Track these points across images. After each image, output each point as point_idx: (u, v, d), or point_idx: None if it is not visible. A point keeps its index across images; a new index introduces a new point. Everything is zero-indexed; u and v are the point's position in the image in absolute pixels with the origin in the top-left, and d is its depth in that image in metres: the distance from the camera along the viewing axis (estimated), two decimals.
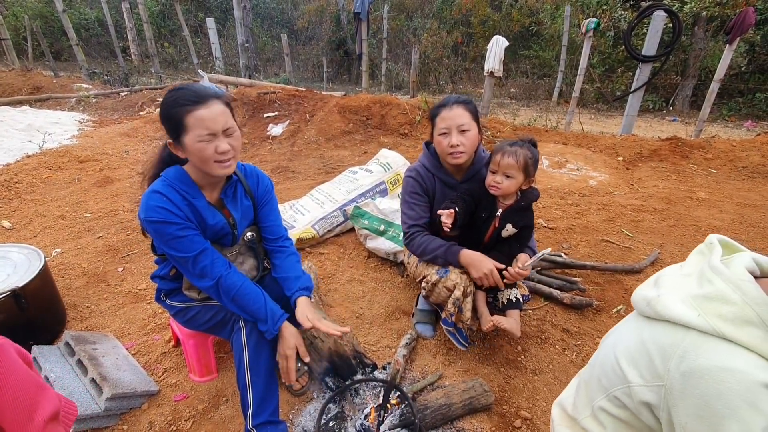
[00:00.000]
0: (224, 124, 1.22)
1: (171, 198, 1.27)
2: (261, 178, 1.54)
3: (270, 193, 1.56)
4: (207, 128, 1.19)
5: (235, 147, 1.27)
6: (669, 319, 0.79)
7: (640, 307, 0.88)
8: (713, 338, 0.73)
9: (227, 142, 1.23)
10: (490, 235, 1.74)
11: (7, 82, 8.40)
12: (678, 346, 0.76)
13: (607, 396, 0.90)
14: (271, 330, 1.36)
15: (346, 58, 13.26)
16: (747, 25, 4.92)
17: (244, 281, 1.38)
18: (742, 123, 8.23)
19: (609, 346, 0.94)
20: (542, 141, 5.56)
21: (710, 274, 0.78)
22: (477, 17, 12.36)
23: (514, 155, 1.57)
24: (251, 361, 1.36)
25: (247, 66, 9.70)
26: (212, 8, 14.61)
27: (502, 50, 6.26)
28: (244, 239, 1.51)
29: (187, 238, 1.28)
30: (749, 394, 0.67)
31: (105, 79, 9.39)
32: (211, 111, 1.19)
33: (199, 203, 1.33)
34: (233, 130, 1.26)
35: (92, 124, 6.48)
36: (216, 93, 1.25)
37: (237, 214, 1.44)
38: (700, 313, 0.75)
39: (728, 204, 3.58)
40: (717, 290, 0.75)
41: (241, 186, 1.46)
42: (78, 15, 13.85)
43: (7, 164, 4.23)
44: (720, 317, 0.73)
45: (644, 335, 0.84)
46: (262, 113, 6.18)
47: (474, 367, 1.80)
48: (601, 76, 10.04)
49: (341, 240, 2.87)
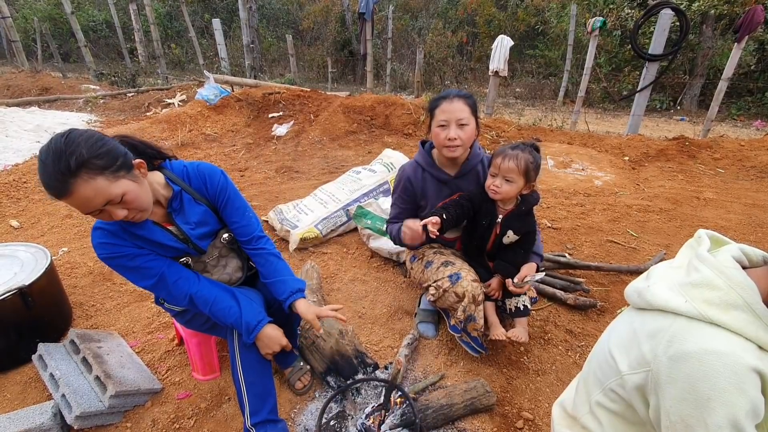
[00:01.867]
0: (98, 203, 1.03)
1: (111, 230, 1.20)
2: (210, 178, 1.33)
3: (225, 191, 1.35)
4: (88, 213, 1.07)
5: (130, 209, 1.10)
6: (658, 306, 0.81)
7: (632, 299, 0.90)
8: (700, 323, 0.75)
9: (119, 210, 1.08)
10: (493, 243, 1.73)
11: (17, 84, 8.52)
12: (666, 331, 0.77)
13: (603, 390, 0.91)
14: (246, 340, 1.35)
15: (350, 58, 13.28)
16: (756, 23, 4.86)
17: (216, 296, 1.34)
18: (750, 122, 8.13)
19: (604, 339, 0.96)
20: (547, 140, 5.53)
21: (697, 262, 0.80)
22: (482, 17, 12.34)
23: (515, 159, 1.54)
24: (243, 361, 1.36)
25: (252, 66, 9.75)
26: (218, 9, 14.70)
27: (507, 50, 6.24)
28: (222, 241, 1.41)
29: (141, 266, 1.23)
30: (735, 377, 0.68)
31: (112, 80, 9.47)
32: (79, 196, 1.01)
33: (144, 232, 1.23)
34: (115, 198, 1.05)
35: (100, 124, 6.54)
36: (71, 172, 0.98)
37: (187, 225, 1.31)
38: (687, 299, 0.77)
39: (736, 204, 3.54)
40: (703, 277, 0.77)
41: (187, 194, 1.31)
42: (86, 17, 14.01)
43: (16, 164, 4.29)
44: (706, 302, 0.75)
45: (635, 325, 0.86)
46: (266, 113, 6.21)
47: (476, 367, 1.80)
48: (608, 76, 9.97)
49: (344, 240, 2.87)
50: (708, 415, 0.69)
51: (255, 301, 1.43)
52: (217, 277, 1.45)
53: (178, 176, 1.30)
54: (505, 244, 1.70)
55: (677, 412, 0.73)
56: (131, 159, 1.12)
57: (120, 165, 1.06)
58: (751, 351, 0.71)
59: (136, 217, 1.13)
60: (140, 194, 1.11)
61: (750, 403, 0.68)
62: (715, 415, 0.69)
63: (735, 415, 0.68)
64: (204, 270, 1.43)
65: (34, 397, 1.65)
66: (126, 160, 1.09)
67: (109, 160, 1.03)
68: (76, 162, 0.97)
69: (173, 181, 1.28)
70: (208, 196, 1.35)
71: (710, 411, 0.69)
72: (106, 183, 1.02)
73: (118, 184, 1.05)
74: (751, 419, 0.69)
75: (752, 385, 0.68)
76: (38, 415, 1.46)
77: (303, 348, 1.80)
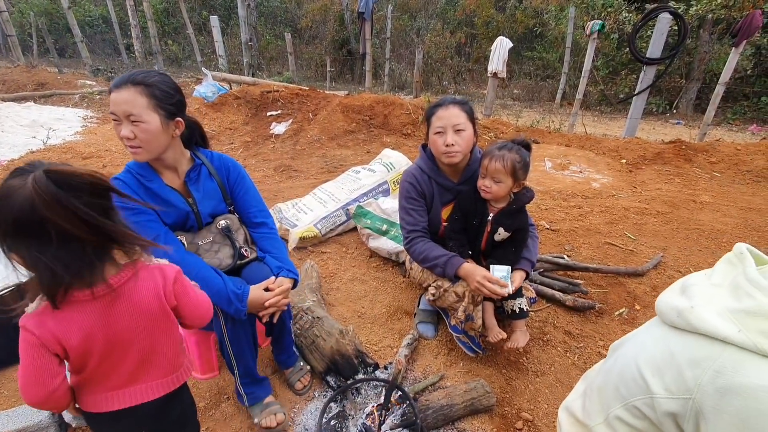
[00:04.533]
0: (125, 111, 1.20)
1: (127, 182, 1.33)
2: (233, 166, 1.55)
3: (245, 180, 1.57)
4: (112, 111, 1.23)
5: (138, 136, 1.23)
6: (705, 332, 0.76)
7: (669, 316, 0.84)
8: (754, 355, 0.70)
9: (130, 129, 1.22)
10: (486, 241, 1.74)
11: (12, 78, 8.44)
12: (714, 360, 0.73)
13: (625, 405, 0.87)
14: (239, 308, 1.36)
15: (349, 57, 13.27)
16: (754, 28, 4.90)
17: (203, 266, 1.39)
18: (747, 127, 8.20)
19: (629, 353, 0.91)
20: (545, 143, 5.55)
21: (749, 287, 0.74)
22: (481, 18, 12.36)
23: (501, 159, 1.56)
24: (233, 344, 1.44)
25: (250, 64, 9.71)
26: (216, 6, 14.63)
27: (506, 51, 6.26)
28: (217, 227, 1.50)
29: (141, 222, 1.31)
30: None
31: (109, 76, 9.42)
32: (118, 95, 1.20)
33: (154, 185, 1.36)
34: (137, 119, 1.21)
35: (96, 120, 6.50)
36: (134, 79, 1.21)
37: (198, 194, 1.45)
38: (740, 328, 0.72)
39: (732, 208, 3.57)
40: (759, 305, 0.71)
41: (206, 168, 1.48)
42: (83, 12, 13.91)
43: (12, 160, 4.25)
44: (763, 334, 0.70)
45: (672, 346, 0.81)
46: (265, 111, 6.18)
47: (475, 368, 1.80)
48: (605, 79, 10.03)
49: (344, 239, 2.87)
50: None
51: (240, 288, 1.44)
52: (207, 261, 1.48)
53: (203, 155, 1.50)
54: (497, 241, 1.72)
55: None
56: (175, 113, 1.31)
57: (165, 107, 1.26)
58: None
59: (136, 149, 1.26)
60: (155, 135, 1.26)
61: None
62: None
63: None
64: (196, 252, 1.47)
65: None
66: (171, 110, 1.29)
67: (163, 97, 1.25)
68: (143, 78, 1.23)
69: (197, 157, 1.47)
70: (224, 178, 1.52)
71: None
72: (144, 103, 1.21)
73: (150, 113, 1.23)
74: None
75: None
76: (36, 413, 1.44)
77: (303, 347, 1.80)
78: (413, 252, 1.78)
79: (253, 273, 1.50)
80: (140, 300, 0.91)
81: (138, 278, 0.92)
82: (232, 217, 1.56)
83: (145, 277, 0.93)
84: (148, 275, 0.94)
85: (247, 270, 1.53)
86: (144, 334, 0.93)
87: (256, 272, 1.50)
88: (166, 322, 0.98)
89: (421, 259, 1.76)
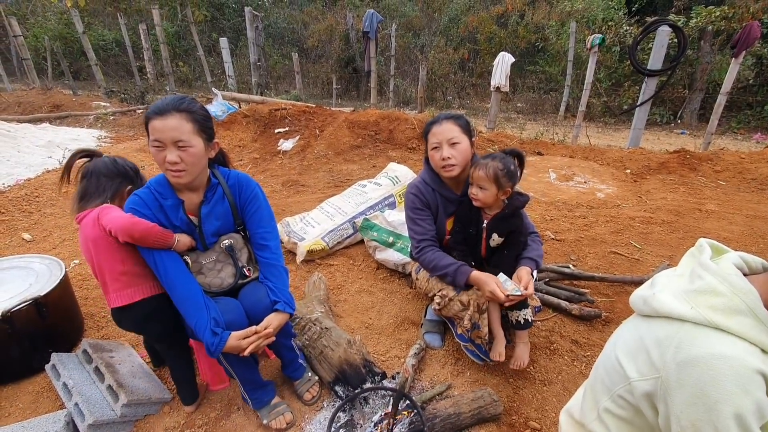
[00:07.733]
0: (173, 137, 1.26)
1: (144, 199, 1.39)
2: (246, 185, 1.54)
3: (257, 199, 1.54)
4: (157, 139, 1.27)
5: (185, 159, 1.29)
6: (664, 314, 0.84)
7: (637, 306, 0.93)
8: (706, 328, 0.77)
9: (176, 154, 1.28)
10: (485, 248, 1.78)
11: (28, 101, 8.72)
12: (673, 337, 0.80)
13: (611, 396, 0.93)
14: (211, 353, 1.39)
15: (354, 75, 13.53)
16: (752, 38, 4.96)
17: (196, 291, 1.42)
18: (751, 135, 8.19)
19: (610, 346, 0.98)
20: (549, 154, 5.59)
21: (700, 270, 0.84)
22: (483, 34, 12.57)
23: (484, 168, 1.64)
24: (226, 358, 1.49)
25: (258, 83, 9.96)
26: (225, 29, 15.09)
27: (509, 66, 6.37)
28: (221, 246, 1.52)
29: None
30: (741, 379, 0.71)
31: (122, 98, 9.69)
32: (164, 123, 1.25)
33: (167, 203, 1.41)
34: (186, 144, 1.28)
35: (110, 140, 6.68)
36: (178, 106, 1.28)
37: (205, 213, 1.46)
38: (692, 306, 0.80)
39: (738, 216, 3.56)
40: (707, 284, 0.80)
41: (221, 188, 1.50)
42: (97, 36, 14.39)
43: (29, 179, 4.38)
44: (711, 308, 0.78)
45: (642, 332, 0.88)
46: (273, 129, 6.32)
47: (482, 377, 1.81)
48: (608, 90, 10.10)
49: (351, 252, 2.91)
50: (716, 417, 0.72)
51: (233, 311, 1.45)
52: (209, 280, 1.51)
53: (221, 174, 1.54)
54: (492, 247, 1.75)
55: (687, 417, 0.75)
56: (213, 136, 1.42)
57: (207, 131, 1.37)
58: (755, 354, 0.74)
59: (181, 172, 1.32)
60: (200, 158, 1.35)
61: (755, 404, 0.71)
62: (723, 417, 0.71)
63: (742, 416, 0.70)
64: (199, 271, 1.50)
65: (47, 406, 1.68)
66: (210, 133, 1.40)
67: (205, 123, 1.36)
68: (187, 105, 1.31)
69: (215, 176, 1.51)
70: (237, 199, 1.54)
71: (718, 413, 0.72)
72: (190, 129, 1.29)
73: (196, 138, 1.32)
74: (756, 420, 0.71)
75: (757, 386, 0.71)
76: (51, 424, 1.48)
77: (311, 358, 1.82)
78: (423, 260, 1.81)
79: (248, 294, 1.52)
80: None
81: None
82: (236, 236, 1.56)
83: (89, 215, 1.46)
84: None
85: (244, 290, 1.54)
86: (91, 255, 1.44)
87: (251, 293, 1.51)
88: (104, 244, 1.40)
89: (431, 267, 1.79)
